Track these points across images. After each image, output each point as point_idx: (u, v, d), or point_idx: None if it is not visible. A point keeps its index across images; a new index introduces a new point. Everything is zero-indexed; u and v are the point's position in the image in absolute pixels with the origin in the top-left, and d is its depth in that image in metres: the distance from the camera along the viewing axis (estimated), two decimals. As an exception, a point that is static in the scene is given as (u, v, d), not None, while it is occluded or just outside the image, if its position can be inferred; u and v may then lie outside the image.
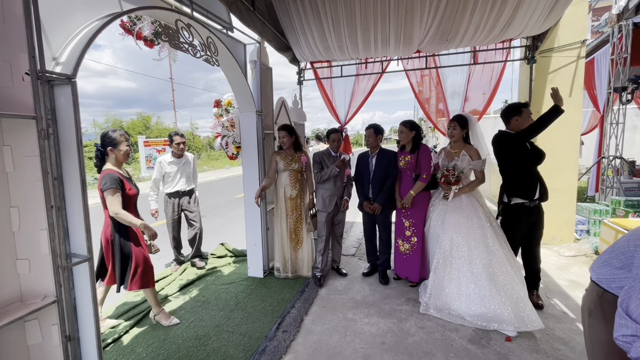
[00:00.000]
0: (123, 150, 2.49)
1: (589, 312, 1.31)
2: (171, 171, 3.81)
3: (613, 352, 1.22)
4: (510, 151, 2.74)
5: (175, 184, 3.84)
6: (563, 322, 2.60)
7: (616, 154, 5.76)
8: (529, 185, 2.71)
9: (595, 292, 1.29)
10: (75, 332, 1.70)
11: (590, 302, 1.31)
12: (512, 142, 2.73)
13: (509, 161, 2.78)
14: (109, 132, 2.48)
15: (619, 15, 5.43)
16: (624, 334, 1.04)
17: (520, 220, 2.77)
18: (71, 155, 1.59)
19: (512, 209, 2.79)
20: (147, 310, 2.94)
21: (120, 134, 2.49)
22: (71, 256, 1.66)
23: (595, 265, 1.32)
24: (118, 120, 23.27)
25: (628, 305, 1.05)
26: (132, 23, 2.27)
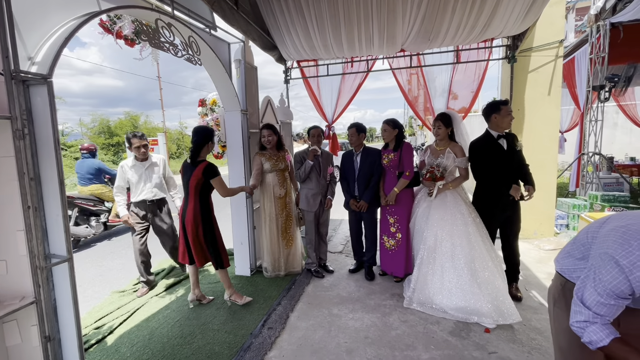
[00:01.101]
0: (211, 147, 2.87)
1: (554, 301, 1.37)
2: (132, 177, 3.26)
3: (575, 339, 1.28)
4: (483, 152, 2.86)
5: (139, 192, 3.29)
6: (540, 313, 2.69)
7: (595, 150, 5.94)
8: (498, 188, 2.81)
9: (559, 282, 1.35)
10: (55, 333, 1.70)
11: (555, 291, 1.37)
12: (485, 143, 2.86)
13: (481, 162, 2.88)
14: (208, 127, 2.95)
15: (597, 15, 5.59)
16: (577, 320, 1.10)
17: (494, 216, 2.87)
18: (48, 156, 1.59)
19: (483, 204, 2.91)
20: (134, 311, 2.94)
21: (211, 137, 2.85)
22: (50, 257, 1.66)
23: (559, 257, 1.39)
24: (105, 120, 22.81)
25: (583, 293, 1.11)
26: (112, 22, 2.26)
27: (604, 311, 1.05)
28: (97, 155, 5.51)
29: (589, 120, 6.12)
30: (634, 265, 0.97)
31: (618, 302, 1.03)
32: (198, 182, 2.68)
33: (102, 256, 4.74)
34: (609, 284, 1.02)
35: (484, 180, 2.90)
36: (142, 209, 3.33)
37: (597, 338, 1.05)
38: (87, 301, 3.30)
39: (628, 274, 0.98)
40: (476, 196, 3.00)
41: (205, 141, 2.75)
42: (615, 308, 1.05)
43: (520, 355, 2.19)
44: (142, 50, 2.49)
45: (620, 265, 0.99)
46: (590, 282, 1.09)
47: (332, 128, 5.27)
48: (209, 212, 2.78)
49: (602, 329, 1.05)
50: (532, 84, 4.30)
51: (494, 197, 2.85)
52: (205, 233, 2.75)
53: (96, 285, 3.72)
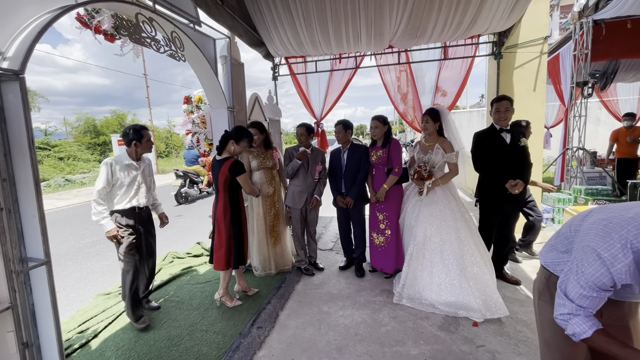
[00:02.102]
0: (241, 147, 2.79)
1: (539, 294, 1.38)
2: (124, 179, 2.61)
3: (559, 331, 1.30)
4: (484, 143, 2.94)
5: (129, 197, 2.65)
6: (526, 306, 2.74)
7: (579, 145, 6.06)
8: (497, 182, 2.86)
9: (544, 275, 1.36)
10: (34, 339, 1.64)
11: (540, 284, 1.38)
12: (488, 135, 2.94)
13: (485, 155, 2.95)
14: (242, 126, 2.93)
15: (580, 12, 5.69)
16: (561, 312, 1.11)
17: (494, 207, 2.93)
18: (22, 155, 1.52)
19: (485, 196, 2.98)
20: (119, 313, 2.87)
21: (245, 133, 2.82)
22: (27, 260, 1.60)
23: (544, 250, 1.40)
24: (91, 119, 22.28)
25: (566, 286, 1.12)
26: (90, 16, 2.18)
27: (586, 303, 1.06)
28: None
29: (573, 116, 6.24)
30: (615, 257, 0.97)
31: (600, 294, 1.04)
32: (226, 179, 2.70)
33: (87, 258, 4.63)
34: (591, 276, 1.03)
35: (484, 172, 2.96)
36: (131, 218, 2.66)
37: (580, 330, 1.06)
38: (71, 304, 3.22)
39: (609, 266, 0.98)
40: (480, 189, 3.06)
41: (233, 137, 2.71)
42: (597, 300, 1.06)
43: (507, 348, 2.22)
44: (123, 46, 2.42)
45: (602, 257, 1.00)
46: (573, 275, 1.10)
47: (321, 125, 5.25)
48: (239, 207, 2.83)
49: (585, 321, 1.06)
50: (517, 80, 4.35)
51: (494, 190, 2.90)
52: (232, 226, 2.78)
53: (80, 288, 3.63)
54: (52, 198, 10.40)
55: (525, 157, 2.89)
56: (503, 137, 2.88)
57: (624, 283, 0.99)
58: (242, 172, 2.71)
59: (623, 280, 0.98)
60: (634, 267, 0.96)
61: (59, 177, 14.40)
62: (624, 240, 0.97)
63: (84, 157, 19.31)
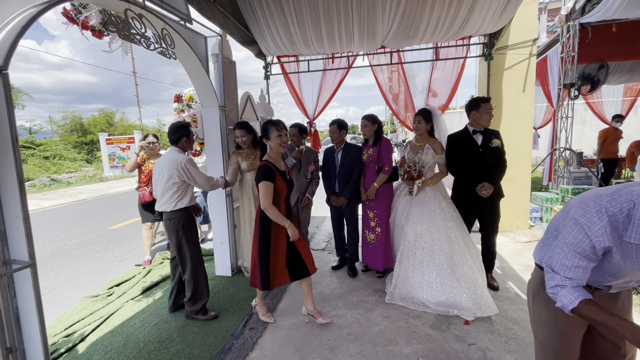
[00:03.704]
0: (274, 141, 2.36)
1: (533, 294, 1.40)
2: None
3: (553, 332, 1.32)
4: (457, 145, 2.94)
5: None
6: (516, 303, 2.78)
7: (566, 145, 6.19)
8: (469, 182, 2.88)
9: (539, 275, 1.36)
10: (18, 344, 1.59)
11: (534, 284, 1.39)
12: (460, 137, 2.94)
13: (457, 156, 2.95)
14: (269, 120, 2.49)
15: (567, 15, 5.80)
16: (551, 285, 1.16)
17: (467, 209, 2.94)
18: (5, 154, 1.47)
19: (458, 198, 3.00)
20: (108, 316, 2.81)
21: (273, 123, 2.38)
22: (10, 262, 1.54)
23: (537, 249, 1.41)
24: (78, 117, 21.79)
25: (552, 262, 1.18)
26: (77, 11, 2.13)
27: (571, 274, 1.11)
28: None
29: (560, 117, 6.37)
30: (592, 221, 1.04)
31: (582, 262, 1.09)
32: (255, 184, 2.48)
33: (74, 260, 4.52)
34: (572, 243, 1.09)
35: (456, 173, 2.98)
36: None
37: (567, 301, 1.10)
38: (57, 307, 3.14)
39: (587, 230, 1.05)
40: (454, 190, 3.07)
41: (262, 135, 2.38)
42: (582, 271, 1.10)
43: (498, 345, 2.25)
44: (112, 43, 2.37)
45: (580, 223, 1.07)
46: (558, 253, 1.15)
47: (314, 124, 5.23)
48: (267, 222, 2.38)
49: (572, 292, 1.10)
50: (507, 81, 4.42)
51: (466, 190, 2.91)
52: (259, 242, 2.42)
53: (67, 290, 3.54)
54: (37, 198, 10.13)
55: (499, 158, 2.86)
56: (475, 139, 2.88)
57: (603, 246, 1.04)
58: (261, 180, 2.28)
59: (602, 243, 1.03)
60: (610, 229, 1.03)
61: (44, 176, 14.04)
62: (598, 206, 1.05)
63: (71, 156, 18.90)
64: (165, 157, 2.60)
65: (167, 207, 2.59)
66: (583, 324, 1.27)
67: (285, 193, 2.41)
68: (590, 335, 1.30)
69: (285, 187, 2.40)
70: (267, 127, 2.34)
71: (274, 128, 2.33)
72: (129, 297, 3.16)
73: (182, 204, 2.60)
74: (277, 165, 2.38)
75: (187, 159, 2.56)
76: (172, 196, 2.56)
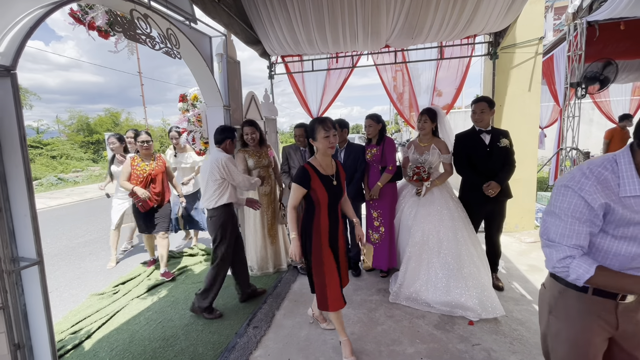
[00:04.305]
0: (321, 143, 2.02)
1: (549, 308, 1.27)
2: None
3: (574, 352, 1.21)
4: (464, 144, 2.93)
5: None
6: (521, 304, 2.76)
7: (572, 145, 6.12)
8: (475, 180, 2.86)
9: (556, 289, 1.24)
10: (26, 340, 1.61)
11: (551, 299, 1.26)
12: (468, 136, 2.92)
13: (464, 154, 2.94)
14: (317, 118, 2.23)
15: (574, 14, 5.74)
16: (557, 259, 1.09)
17: (474, 209, 2.92)
18: (14, 153, 1.50)
19: (465, 197, 2.97)
20: (113, 314, 2.84)
21: (320, 121, 2.05)
22: (18, 260, 1.57)
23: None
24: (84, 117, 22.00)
25: (547, 233, 1.14)
26: (84, 12, 2.15)
27: (574, 240, 1.08)
28: None
29: (566, 117, 6.30)
30: (580, 182, 1.06)
31: (582, 227, 1.07)
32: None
33: (80, 258, 4.57)
34: (568, 208, 1.08)
35: (463, 172, 2.95)
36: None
37: (582, 271, 1.05)
38: (64, 305, 3.17)
39: (579, 191, 1.05)
40: (461, 190, 3.05)
41: (309, 135, 2.11)
42: (583, 236, 1.07)
43: (502, 346, 2.24)
44: (118, 43, 2.39)
45: (570, 187, 1.07)
46: (553, 219, 1.12)
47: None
48: (310, 224, 2.07)
49: (584, 261, 1.06)
50: (513, 81, 4.38)
51: (474, 190, 2.89)
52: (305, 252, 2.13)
53: (73, 288, 3.58)
54: (45, 197, 10.25)
55: (507, 158, 2.84)
56: (482, 138, 2.87)
57: (600, 203, 1.03)
58: (294, 181, 2.05)
59: (597, 200, 1.03)
60: (600, 187, 1.03)
61: (52, 175, 14.21)
62: (581, 170, 1.08)
63: (77, 155, 19.08)
64: (210, 157, 2.72)
65: (209, 204, 2.69)
66: (604, 342, 1.18)
67: (326, 202, 2.05)
68: (610, 353, 1.20)
69: (325, 195, 2.03)
70: (314, 127, 2.03)
71: (321, 127, 2.00)
72: (134, 295, 3.19)
73: (222, 200, 2.68)
74: (322, 169, 2.06)
75: (227, 157, 2.67)
76: (213, 193, 2.65)
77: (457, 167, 2.98)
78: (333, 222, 2.10)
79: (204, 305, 2.72)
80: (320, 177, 2.03)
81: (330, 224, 2.08)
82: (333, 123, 2.06)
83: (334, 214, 2.11)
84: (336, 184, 2.10)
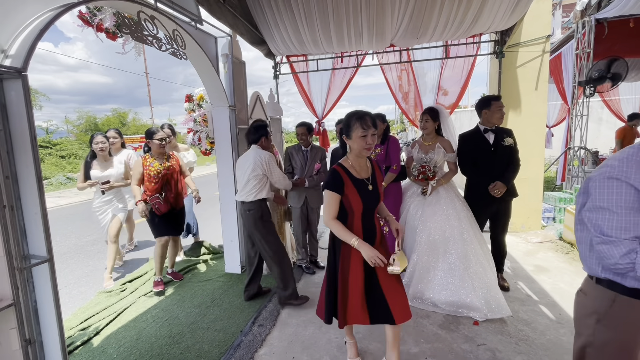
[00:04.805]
0: (356, 143, 1.75)
1: (598, 317, 1.19)
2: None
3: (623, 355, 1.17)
4: (468, 144, 2.92)
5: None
6: (527, 304, 2.74)
7: (581, 144, 6.05)
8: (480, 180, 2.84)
9: (606, 294, 1.16)
10: (37, 336, 1.65)
11: (599, 305, 1.19)
12: (472, 136, 2.91)
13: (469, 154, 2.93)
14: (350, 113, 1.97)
15: (583, 11, 5.67)
16: (620, 254, 1.03)
17: (479, 208, 2.91)
18: (25, 153, 1.53)
19: (471, 197, 2.95)
20: (121, 311, 2.88)
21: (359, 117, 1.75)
22: (29, 257, 1.60)
23: (585, 261, 1.23)
24: (92, 117, 22.34)
25: (601, 229, 1.07)
26: (92, 14, 2.19)
27: (632, 233, 1.02)
28: None
29: (574, 115, 6.22)
30: (625, 171, 1.03)
31: (638, 216, 1.02)
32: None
33: (88, 256, 4.64)
34: (619, 200, 1.03)
35: (469, 173, 2.94)
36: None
37: None
38: (73, 302, 3.23)
39: (627, 180, 1.02)
40: (466, 190, 3.03)
41: (343, 131, 1.83)
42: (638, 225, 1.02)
43: (507, 347, 2.22)
44: (125, 44, 2.43)
45: (616, 177, 1.04)
46: (602, 215, 1.07)
47: (323, 124, 5.24)
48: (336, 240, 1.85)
49: None
50: (519, 79, 4.34)
51: (479, 190, 2.87)
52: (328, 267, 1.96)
53: (82, 286, 3.64)
54: (54, 196, 10.42)
55: (512, 157, 2.82)
56: (486, 138, 2.85)
57: None
58: (326, 187, 1.78)
59: None
60: None
61: (61, 175, 14.43)
62: (618, 161, 1.05)
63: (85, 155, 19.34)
64: (250, 154, 2.79)
65: (247, 198, 2.75)
66: None
67: (360, 210, 1.77)
68: None
69: (360, 202, 1.75)
70: (350, 122, 1.74)
71: (359, 125, 1.70)
72: (141, 293, 3.24)
73: (260, 195, 2.78)
74: (355, 171, 1.78)
75: (270, 155, 2.78)
76: (253, 187, 2.73)
77: (462, 168, 2.96)
78: (368, 234, 1.81)
79: (288, 294, 2.83)
80: (353, 181, 1.75)
81: (364, 235, 1.79)
82: (374, 120, 1.73)
83: (369, 224, 1.82)
84: (372, 189, 1.80)
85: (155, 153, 3.25)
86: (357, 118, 1.72)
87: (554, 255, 3.76)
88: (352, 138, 1.74)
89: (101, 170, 3.59)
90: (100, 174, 3.56)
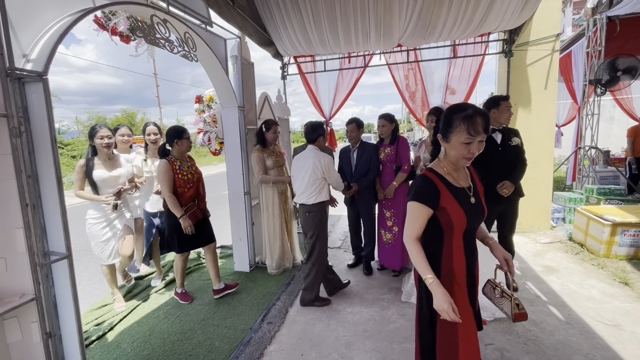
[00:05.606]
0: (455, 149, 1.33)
1: None
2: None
3: None
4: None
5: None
6: (536, 305, 2.73)
7: (591, 144, 5.96)
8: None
9: None
10: (56, 329, 1.71)
11: None
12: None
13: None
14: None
15: (594, 9, 5.58)
16: None
17: (491, 208, 2.89)
18: (45, 153, 1.59)
19: None
20: (134, 307, 2.95)
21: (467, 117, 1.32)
22: (49, 254, 1.67)
23: None
24: (102, 118, 22.70)
25: None
26: (107, 18, 2.25)
27: None
28: None
29: (585, 114, 6.14)
30: None
31: None
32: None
33: (101, 254, 4.74)
34: None
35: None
36: None
37: None
38: (87, 298, 3.32)
39: None
40: None
41: (441, 130, 1.41)
42: None
43: (515, 346, 2.23)
44: (138, 47, 2.49)
45: None
46: None
47: (330, 124, 5.27)
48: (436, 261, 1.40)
49: None
50: (528, 78, 4.30)
51: (487, 190, 2.85)
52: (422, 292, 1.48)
53: (96, 283, 3.74)
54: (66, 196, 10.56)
55: (519, 157, 2.81)
56: (494, 137, 2.84)
57: None
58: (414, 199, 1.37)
59: None
60: None
61: (72, 175, 14.72)
62: None
63: (85, 154, 19.64)
64: (308, 155, 2.77)
65: (307, 200, 2.79)
66: None
67: (462, 227, 1.36)
68: None
69: (462, 217, 1.34)
70: (452, 121, 1.31)
71: (465, 127, 1.26)
72: (153, 290, 3.31)
73: (321, 197, 2.81)
74: (452, 178, 1.39)
75: (329, 159, 2.80)
76: (314, 190, 2.77)
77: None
78: (470, 259, 1.43)
79: (312, 298, 2.87)
80: (452, 191, 1.35)
81: (467, 262, 1.41)
82: (487, 123, 1.28)
83: (470, 247, 1.44)
84: (475, 202, 1.41)
85: (176, 153, 2.79)
86: (464, 118, 1.26)
87: (564, 255, 3.73)
88: (451, 142, 1.32)
89: (108, 170, 2.84)
90: (107, 175, 2.81)
